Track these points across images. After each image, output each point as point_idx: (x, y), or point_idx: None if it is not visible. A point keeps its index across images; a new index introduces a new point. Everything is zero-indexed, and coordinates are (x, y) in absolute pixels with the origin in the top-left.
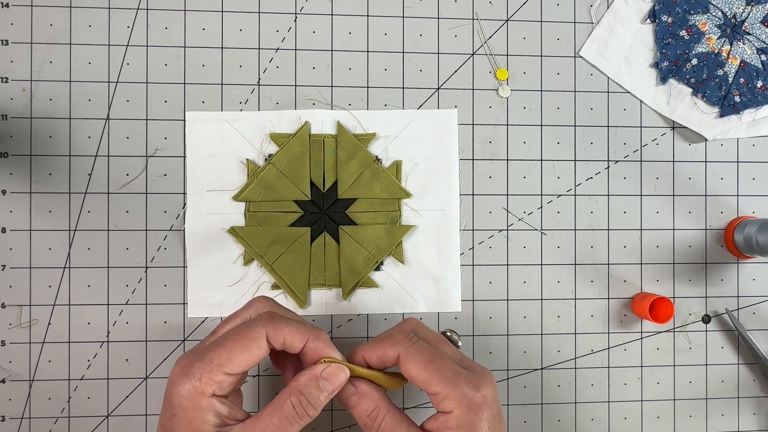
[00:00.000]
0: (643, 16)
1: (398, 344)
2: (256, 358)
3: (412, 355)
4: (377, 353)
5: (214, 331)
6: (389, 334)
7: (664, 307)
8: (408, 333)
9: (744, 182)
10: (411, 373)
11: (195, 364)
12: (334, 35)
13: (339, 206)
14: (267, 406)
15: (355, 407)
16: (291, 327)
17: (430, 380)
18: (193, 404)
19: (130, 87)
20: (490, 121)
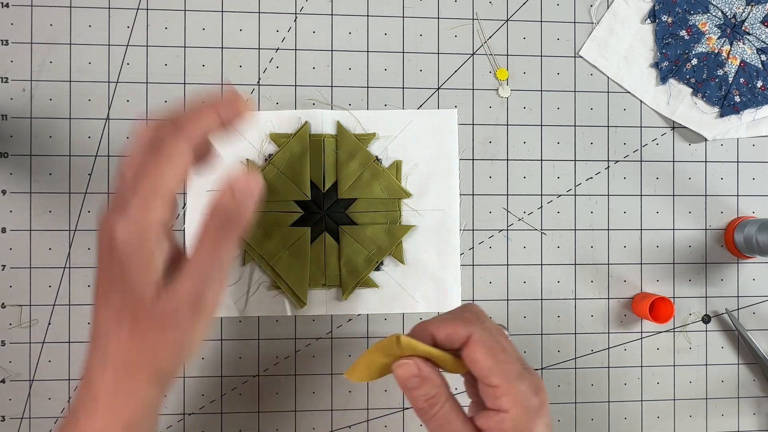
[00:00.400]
0: (643, 16)
1: (470, 325)
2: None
3: (482, 339)
4: (447, 330)
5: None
6: (458, 314)
7: (664, 307)
8: (479, 315)
9: (744, 182)
10: (477, 357)
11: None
12: (334, 35)
13: (339, 206)
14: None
15: (415, 389)
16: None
17: (495, 371)
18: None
19: (130, 87)
20: (490, 121)
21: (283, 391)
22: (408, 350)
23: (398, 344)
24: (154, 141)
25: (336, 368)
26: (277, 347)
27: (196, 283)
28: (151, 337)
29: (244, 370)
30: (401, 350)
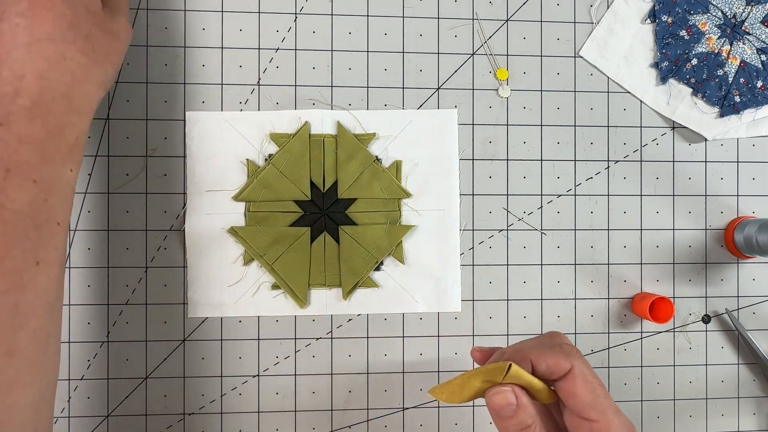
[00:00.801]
0: (643, 16)
1: (572, 357)
2: None
3: (584, 373)
4: (548, 361)
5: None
6: (555, 343)
7: (664, 307)
8: (573, 346)
9: (744, 182)
10: (578, 390)
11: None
12: (334, 35)
13: (339, 206)
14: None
15: (509, 418)
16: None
17: (595, 405)
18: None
19: (130, 87)
20: (490, 121)
21: (283, 391)
22: (511, 379)
23: (507, 372)
24: None
25: (336, 368)
26: (277, 347)
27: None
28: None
29: (244, 370)
30: (504, 378)
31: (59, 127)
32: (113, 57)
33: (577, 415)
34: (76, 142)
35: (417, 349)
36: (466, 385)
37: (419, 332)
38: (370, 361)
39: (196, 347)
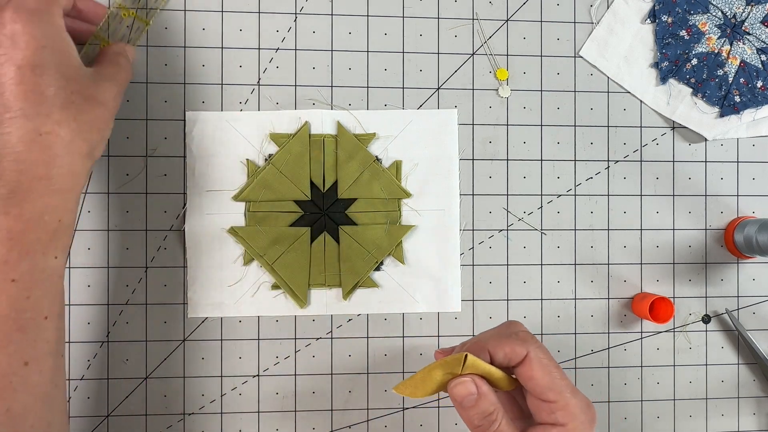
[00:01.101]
0: (643, 16)
1: (527, 343)
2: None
3: (539, 357)
4: (505, 349)
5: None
6: (511, 332)
7: (664, 307)
8: (529, 332)
9: (744, 182)
10: (534, 374)
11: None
12: (334, 35)
13: (339, 206)
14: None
15: (471, 407)
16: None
17: (552, 386)
18: (59, 35)
19: (130, 87)
20: (490, 121)
21: (283, 391)
22: (470, 369)
23: (464, 363)
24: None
25: (336, 368)
26: (277, 347)
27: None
28: (85, 116)
29: (244, 370)
30: (462, 369)
31: (38, 215)
32: (98, 124)
33: (537, 398)
34: (59, 225)
35: (417, 349)
36: (427, 378)
37: (419, 332)
38: (370, 361)
39: (196, 347)
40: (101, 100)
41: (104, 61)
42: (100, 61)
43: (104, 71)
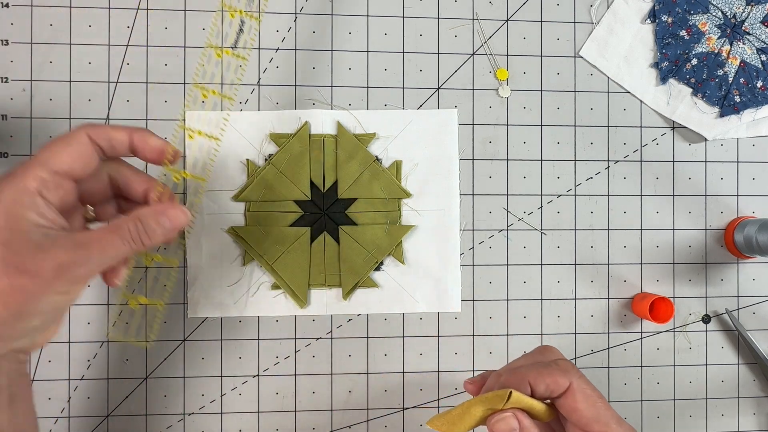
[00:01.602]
0: (643, 16)
1: (569, 373)
2: (80, 155)
3: (583, 388)
4: (546, 381)
5: None
6: (550, 360)
7: (664, 307)
8: (569, 362)
9: (744, 182)
10: (579, 406)
11: (16, 166)
12: (334, 35)
13: (339, 206)
14: (102, 227)
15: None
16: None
17: (598, 418)
18: (14, 199)
19: (130, 87)
20: (490, 121)
21: (283, 391)
22: (512, 404)
23: (507, 399)
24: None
25: (336, 368)
26: (277, 347)
27: (73, 255)
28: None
29: (244, 370)
30: (504, 405)
31: None
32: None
33: (581, 429)
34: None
35: (417, 349)
36: (466, 414)
37: (419, 332)
38: (370, 361)
39: (196, 347)
40: (32, 269)
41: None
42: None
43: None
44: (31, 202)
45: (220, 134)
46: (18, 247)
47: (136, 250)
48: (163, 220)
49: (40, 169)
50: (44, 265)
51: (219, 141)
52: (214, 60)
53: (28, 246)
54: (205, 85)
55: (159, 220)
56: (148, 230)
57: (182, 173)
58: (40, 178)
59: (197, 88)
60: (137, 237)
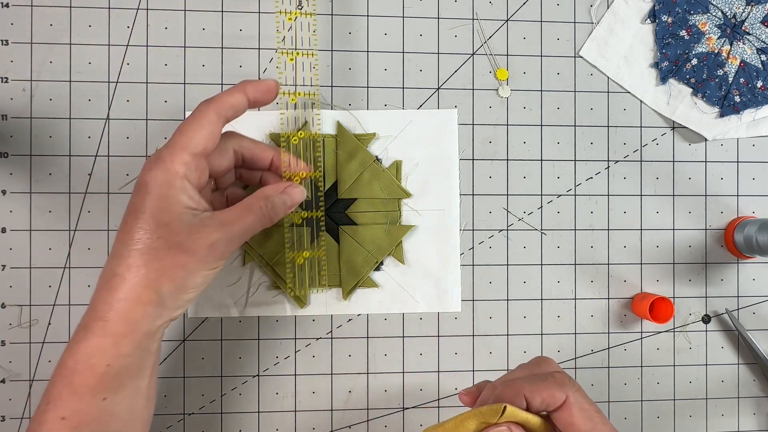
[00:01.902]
0: (643, 16)
1: (566, 386)
2: (212, 134)
3: (579, 402)
4: (543, 395)
5: None
6: (546, 373)
7: (664, 307)
8: (565, 374)
9: (744, 182)
10: (575, 420)
11: (162, 150)
12: (334, 35)
13: (339, 206)
14: (236, 206)
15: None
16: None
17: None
18: (167, 183)
19: (130, 87)
20: (490, 121)
21: (283, 391)
22: (507, 419)
23: (502, 413)
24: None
25: (336, 368)
26: (277, 347)
27: (220, 233)
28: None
29: (244, 370)
30: (499, 419)
31: (86, 356)
32: (173, 273)
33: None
34: (106, 370)
35: (417, 349)
36: (460, 427)
37: (419, 332)
38: (370, 361)
39: (196, 347)
40: (189, 248)
41: (240, 204)
42: (240, 203)
43: (223, 216)
44: (181, 186)
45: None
46: (177, 228)
47: (265, 225)
48: (285, 198)
49: (183, 153)
50: (199, 244)
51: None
52: (286, 24)
53: (183, 227)
54: (291, 50)
55: (283, 198)
56: (275, 207)
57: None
58: (184, 162)
59: (284, 54)
60: (267, 214)
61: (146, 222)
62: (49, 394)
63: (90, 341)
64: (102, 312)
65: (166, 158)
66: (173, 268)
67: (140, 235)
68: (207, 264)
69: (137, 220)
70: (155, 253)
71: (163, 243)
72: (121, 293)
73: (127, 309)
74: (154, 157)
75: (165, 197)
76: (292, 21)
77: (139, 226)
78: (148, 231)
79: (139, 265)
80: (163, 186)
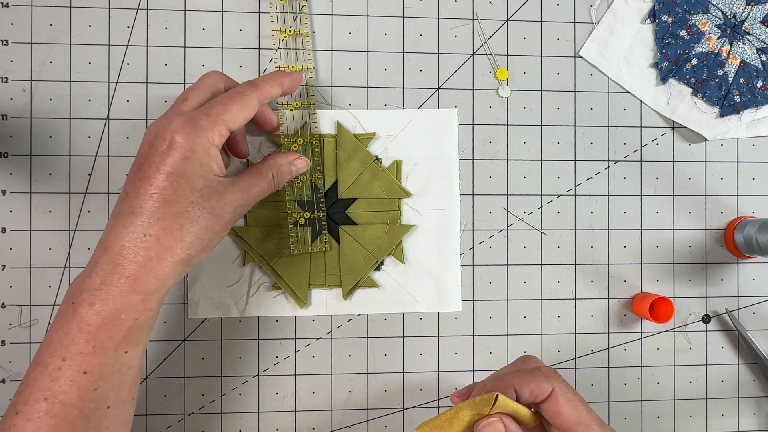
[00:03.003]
0: (643, 16)
1: (552, 378)
2: (250, 117)
3: (565, 392)
4: (531, 386)
5: (183, 98)
6: (533, 368)
7: (664, 307)
8: (550, 368)
9: (744, 182)
10: (562, 410)
11: (201, 118)
12: (334, 35)
13: (339, 206)
14: (248, 170)
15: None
16: (266, 82)
17: (580, 420)
18: (205, 151)
19: (130, 87)
20: (490, 121)
21: (283, 391)
22: (499, 409)
23: (494, 403)
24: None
25: (336, 368)
26: (277, 347)
27: (241, 199)
28: (194, 226)
29: (244, 370)
30: (491, 409)
31: (116, 313)
32: (204, 235)
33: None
34: (134, 324)
35: (417, 349)
36: (454, 419)
37: (419, 332)
38: (370, 361)
39: (196, 347)
40: (218, 212)
41: (252, 171)
42: (251, 170)
43: (242, 182)
44: (215, 154)
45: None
46: (208, 194)
47: (272, 191)
48: (292, 168)
49: (222, 127)
50: (226, 209)
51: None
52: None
53: (213, 193)
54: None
55: (290, 168)
56: (283, 175)
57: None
58: (221, 135)
59: (277, 33)
60: (277, 180)
61: (181, 185)
62: (65, 350)
63: (118, 299)
64: (132, 270)
65: (206, 127)
66: (205, 231)
67: (175, 198)
68: (229, 227)
69: (172, 183)
70: (189, 217)
71: (197, 208)
72: (155, 253)
73: (159, 268)
74: (190, 122)
75: (200, 164)
76: (286, 38)
77: (174, 189)
78: (182, 195)
79: (174, 228)
80: (201, 153)
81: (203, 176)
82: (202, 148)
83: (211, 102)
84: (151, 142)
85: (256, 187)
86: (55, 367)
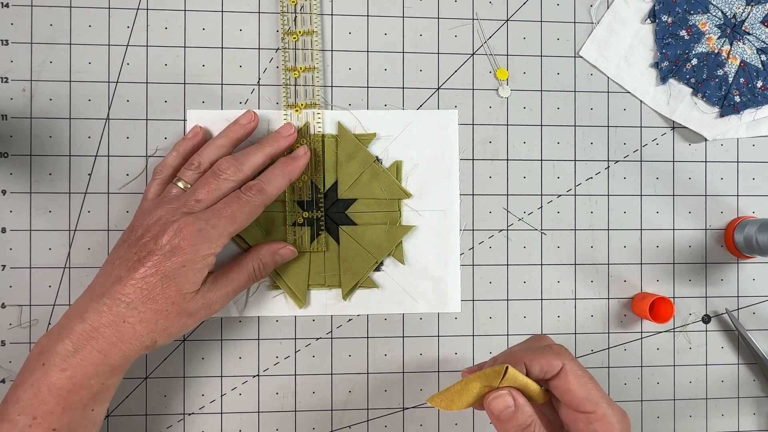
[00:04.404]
0: (643, 16)
1: (561, 356)
2: (253, 219)
3: (574, 369)
4: (541, 362)
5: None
6: (545, 345)
7: (664, 307)
8: (561, 345)
9: (744, 182)
10: (571, 386)
11: (210, 231)
12: (334, 35)
13: (339, 206)
14: (231, 263)
15: (509, 420)
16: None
17: (589, 397)
18: (204, 260)
19: (130, 87)
20: (490, 121)
21: (283, 391)
22: (508, 382)
23: (504, 375)
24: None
25: (336, 368)
26: (277, 347)
27: (219, 297)
28: (168, 322)
29: (244, 370)
30: (501, 381)
31: (85, 379)
32: (173, 330)
33: (574, 409)
34: (101, 388)
35: (417, 349)
36: (464, 391)
37: (419, 332)
38: (370, 361)
39: (196, 347)
40: (194, 312)
41: (233, 265)
42: (233, 263)
43: (222, 279)
44: (212, 261)
45: None
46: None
47: (253, 282)
48: (276, 258)
49: (227, 238)
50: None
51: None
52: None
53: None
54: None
55: (274, 259)
56: (266, 266)
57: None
58: (224, 244)
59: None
60: (258, 272)
61: (170, 287)
62: (35, 409)
63: (88, 368)
64: (104, 347)
65: (213, 240)
66: (176, 327)
67: (160, 297)
68: (199, 321)
69: (163, 286)
70: (165, 314)
71: (176, 309)
72: (127, 336)
73: (128, 349)
74: (198, 233)
75: (196, 271)
76: (296, 40)
77: (163, 288)
78: (168, 296)
79: (150, 321)
80: (200, 263)
81: (194, 281)
82: (203, 258)
83: (220, 209)
84: (155, 235)
85: (235, 281)
86: (26, 425)
